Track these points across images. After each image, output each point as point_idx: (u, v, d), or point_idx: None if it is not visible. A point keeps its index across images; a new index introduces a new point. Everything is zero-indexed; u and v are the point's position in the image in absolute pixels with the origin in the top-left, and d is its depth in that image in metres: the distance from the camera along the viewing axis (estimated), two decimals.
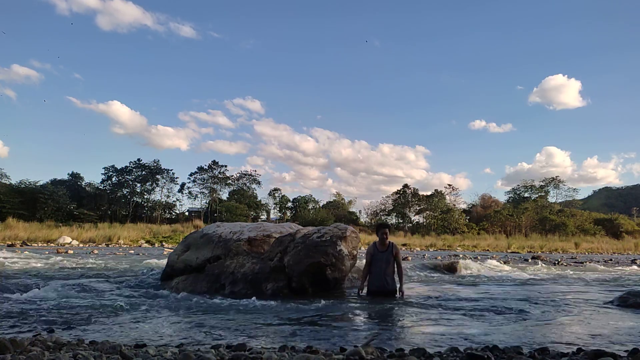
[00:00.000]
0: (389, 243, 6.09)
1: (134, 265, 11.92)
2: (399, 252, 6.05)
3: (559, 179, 66.97)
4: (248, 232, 7.20)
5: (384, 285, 5.90)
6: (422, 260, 17.57)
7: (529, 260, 20.64)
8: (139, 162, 56.82)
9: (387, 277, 5.92)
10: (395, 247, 6.08)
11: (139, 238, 38.65)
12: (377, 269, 5.98)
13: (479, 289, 7.39)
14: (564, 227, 56.22)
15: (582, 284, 8.79)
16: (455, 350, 2.77)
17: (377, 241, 6.12)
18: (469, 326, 4.05)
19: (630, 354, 2.66)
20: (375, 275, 5.98)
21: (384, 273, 5.93)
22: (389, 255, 5.97)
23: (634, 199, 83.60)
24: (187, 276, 7.05)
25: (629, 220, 61.51)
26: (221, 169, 60.31)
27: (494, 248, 43.34)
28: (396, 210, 64.63)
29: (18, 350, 2.41)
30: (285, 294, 5.91)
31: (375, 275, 5.98)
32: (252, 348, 2.83)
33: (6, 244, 28.35)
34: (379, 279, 5.94)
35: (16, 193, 46.32)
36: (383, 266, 5.95)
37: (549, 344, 3.22)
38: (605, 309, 5.25)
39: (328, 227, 6.53)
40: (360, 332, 3.86)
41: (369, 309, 5.00)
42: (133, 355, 2.49)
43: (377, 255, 6.02)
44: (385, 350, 2.80)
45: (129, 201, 56.64)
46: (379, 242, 6.07)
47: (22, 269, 10.11)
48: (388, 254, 5.98)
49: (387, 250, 6.00)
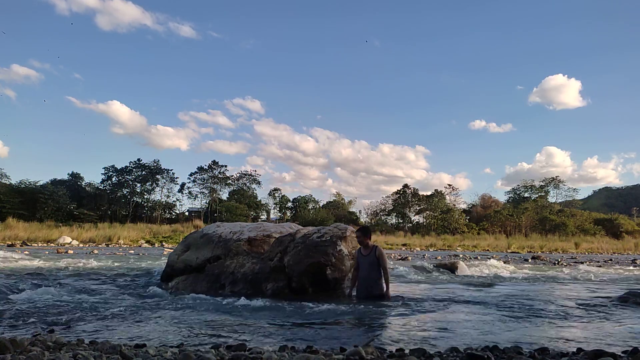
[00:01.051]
0: (372, 246, 5.91)
1: (134, 265, 11.92)
2: (382, 255, 5.83)
3: (559, 179, 66.97)
4: (248, 232, 7.20)
5: (367, 290, 5.77)
6: (422, 260, 17.56)
7: (529, 260, 20.64)
8: (139, 162, 56.83)
9: (370, 282, 5.78)
10: (379, 249, 5.88)
11: (139, 238, 38.65)
12: (361, 274, 5.87)
13: (478, 289, 7.40)
14: (564, 227, 56.21)
15: (582, 284, 8.79)
16: (455, 350, 2.77)
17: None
18: (468, 326, 4.05)
19: (630, 354, 2.66)
20: (360, 280, 5.89)
21: (368, 277, 5.80)
22: (372, 258, 5.80)
23: (634, 199, 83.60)
24: (187, 276, 7.05)
25: (629, 220, 61.50)
26: (221, 169, 60.31)
27: (494, 248, 43.34)
28: (396, 210, 64.63)
29: (18, 350, 2.41)
30: (285, 294, 5.91)
31: (360, 280, 5.89)
32: (252, 348, 2.83)
33: (6, 244, 28.35)
34: (363, 283, 5.83)
35: (16, 193, 46.32)
36: (366, 271, 5.82)
37: (549, 343, 3.22)
38: (605, 308, 5.25)
39: (328, 227, 6.53)
40: (360, 332, 3.86)
41: (369, 309, 5.00)
42: (133, 355, 2.49)
43: (360, 259, 5.90)
44: (385, 350, 2.80)
45: (129, 201, 56.64)
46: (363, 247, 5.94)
47: (22, 269, 10.11)
48: (371, 258, 5.81)
49: (370, 254, 5.84)
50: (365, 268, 5.83)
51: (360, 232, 5.99)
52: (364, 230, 6.01)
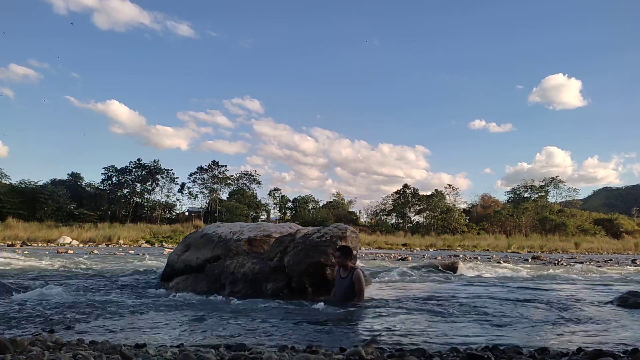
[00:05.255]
0: (351, 269, 5.43)
1: (134, 265, 11.92)
2: (359, 279, 5.32)
3: (559, 179, 66.99)
4: (248, 232, 7.19)
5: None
6: (422, 260, 17.57)
7: (528, 260, 20.64)
8: (138, 162, 56.84)
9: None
10: (356, 274, 5.34)
11: (139, 238, 38.69)
12: (337, 296, 5.44)
13: (478, 289, 7.39)
14: (564, 227, 56.23)
15: (582, 284, 8.78)
16: (455, 350, 2.77)
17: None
18: (468, 326, 4.05)
19: (630, 354, 2.66)
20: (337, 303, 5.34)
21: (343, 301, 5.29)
22: (349, 282, 5.35)
23: (634, 199, 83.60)
24: (187, 276, 7.05)
25: (629, 220, 61.54)
26: (221, 169, 60.34)
27: (494, 248, 43.36)
28: (396, 210, 64.66)
29: (18, 350, 2.41)
30: (285, 294, 5.90)
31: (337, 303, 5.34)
32: (252, 348, 2.83)
33: (6, 244, 28.35)
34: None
35: (16, 193, 46.35)
36: (341, 294, 5.38)
37: (549, 343, 3.22)
38: (606, 308, 5.25)
39: (328, 227, 6.52)
40: (360, 332, 3.86)
41: (368, 309, 5.00)
42: (133, 355, 2.49)
43: (338, 281, 5.51)
44: (385, 350, 2.80)
45: (129, 201, 56.64)
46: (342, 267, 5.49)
47: (22, 269, 10.11)
48: (348, 281, 5.36)
49: (347, 277, 5.38)
50: (341, 291, 5.41)
51: (340, 252, 5.50)
52: (344, 251, 5.50)
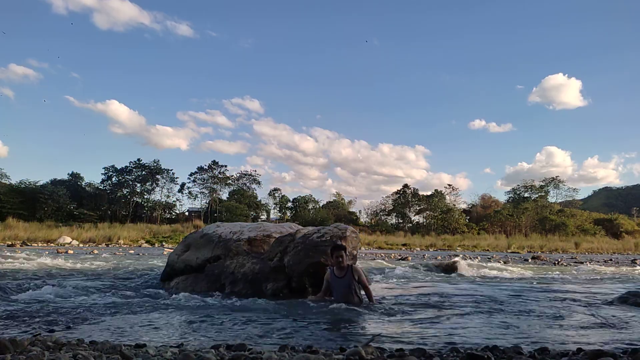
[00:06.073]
0: (348, 267, 5.29)
1: (134, 266, 11.93)
2: (361, 275, 5.23)
3: (559, 179, 67.07)
4: (248, 232, 7.20)
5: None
6: (422, 260, 17.58)
7: (528, 260, 20.64)
8: (138, 162, 56.86)
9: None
10: (356, 271, 5.24)
11: (139, 238, 38.69)
12: (337, 299, 5.20)
13: (479, 289, 7.39)
14: (564, 227, 56.25)
15: (582, 284, 8.78)
16: (455, 350, 2.77)
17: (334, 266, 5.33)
18: (468, 326, 4.05)
19: (630, 354, 2.66)
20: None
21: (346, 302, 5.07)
22: (349, 280, 5.20)
23: (634, 199, 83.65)
24: (187, 276, 7.05)
25: (629, 220, 61.56)
26: (221, 169, 60.39)
27: (494, 248, 43.37)
28: (396, 210, 64.69)
29: (18, 350, 2.40)
30: (285, 294, 5.91)
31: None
32: (252, 348, 2.83)
33: (6, 244, 28.35)
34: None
35: (16, 193, 46.37)
36: (342, 295, 5.18)
37: (549, 343, 3.22)
38: (606, 308, 5.25)
39: (328, 227, 6.53)
40: (360, 332, 3.86)
41: (368, 309, 5.00)
42: (133, 355, 2.49)
43: (334, 282, 5.30)
44: (385, 350, 2.80)
45: (129, 201, 56.64)
46: (336, 267, 5.31)
47: (22, 269, 10.11)
48: (348, 279, 5.21)
49: (346, 275, 5.23)
50: (341, 292, 5.20)
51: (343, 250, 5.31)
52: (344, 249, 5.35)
